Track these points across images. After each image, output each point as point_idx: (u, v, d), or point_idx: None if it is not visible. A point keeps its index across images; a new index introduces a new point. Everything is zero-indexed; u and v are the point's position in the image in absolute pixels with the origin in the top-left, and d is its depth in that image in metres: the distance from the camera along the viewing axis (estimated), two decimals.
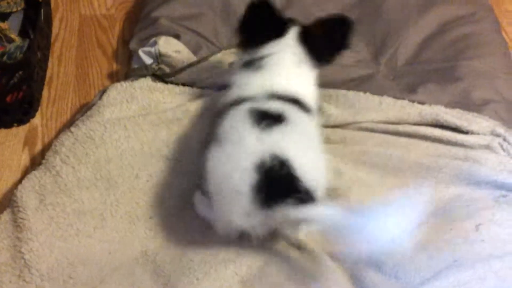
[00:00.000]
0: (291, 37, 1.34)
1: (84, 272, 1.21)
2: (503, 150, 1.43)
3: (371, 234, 1.00)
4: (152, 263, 1.23)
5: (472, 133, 1.47)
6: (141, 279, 1.20)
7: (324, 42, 1.37)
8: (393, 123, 1.51)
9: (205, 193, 1.19)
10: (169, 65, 1.61)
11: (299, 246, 1.26)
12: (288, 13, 1.83)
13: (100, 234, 1.29)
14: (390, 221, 0.99)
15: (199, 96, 1.58)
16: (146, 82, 1.60)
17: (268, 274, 1.20)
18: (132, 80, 1.60)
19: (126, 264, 1.23)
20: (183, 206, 1.34)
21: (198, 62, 1.63)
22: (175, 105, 1.55)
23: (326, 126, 1.51)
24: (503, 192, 1.32)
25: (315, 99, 1.35)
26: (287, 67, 1.32)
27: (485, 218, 1.25)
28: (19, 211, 1.28)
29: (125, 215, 1.33)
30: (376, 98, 1.55)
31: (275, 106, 1.21)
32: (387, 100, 1.54)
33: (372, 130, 1.50)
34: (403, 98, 1.55)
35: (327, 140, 1.47)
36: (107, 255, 1.25)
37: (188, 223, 1.32)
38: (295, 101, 1.25)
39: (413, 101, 1.54)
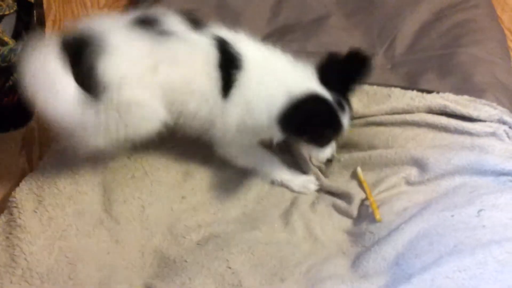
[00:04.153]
0: None
1: (83, 271, 1.22)
2: (509, 138, 1.42)
3: None
4: (148, 265, 1.25)
5: (478, 120, 1.45)
6: (138, 280, 1.21)
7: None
8: (401, 113, 1.50)
9: None
10: None
11: (295, 230, 1.28)
12: (286, 6, 1.83)
13: (99, 234, 1.29)
14: None
15: None
16: None
17: (261, 266, 1.21)
18: None
19: (124, 264, 1.25)
20: (178, 203, 1.36)
21: None
22: None
23: None
24: (510, 178, 1.31)
25: None
26: None
27: (488, 203, 1.24)
28: (18, 212, 1.28)
29: (122, 215, 1.33)
30: (385, 90, 1.54)
31: None
32: (396, 92, 1.53)
33: (380, 124, 1.49)
34: (405, 87, 1.54)
35: None
36: (105, 255, 1.26)
37: (183, 222, 1.33)
38: None
39: (421, 91, 1.52)
